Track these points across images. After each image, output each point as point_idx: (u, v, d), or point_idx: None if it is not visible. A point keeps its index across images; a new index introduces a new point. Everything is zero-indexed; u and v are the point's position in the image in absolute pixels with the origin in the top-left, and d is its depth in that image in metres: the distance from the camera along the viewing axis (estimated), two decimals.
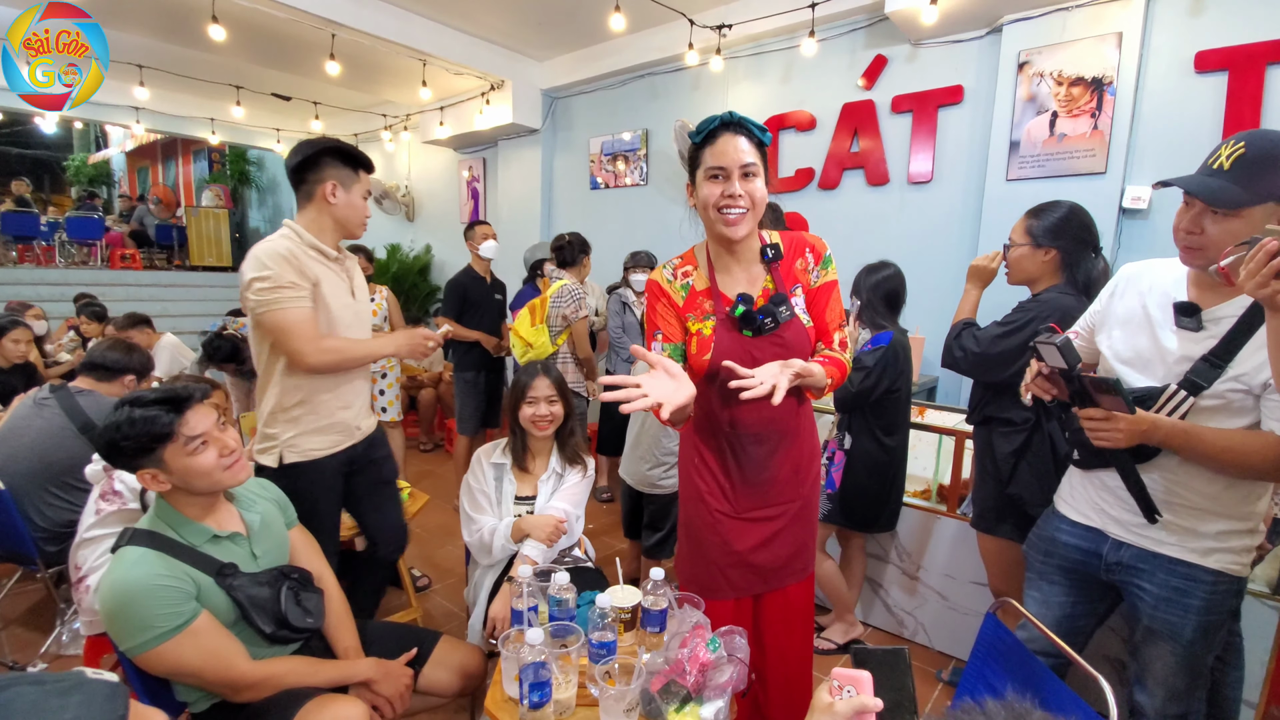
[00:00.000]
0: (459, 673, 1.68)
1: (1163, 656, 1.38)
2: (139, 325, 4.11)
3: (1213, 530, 1.31)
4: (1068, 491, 1.56)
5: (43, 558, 2.36)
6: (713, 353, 1.45)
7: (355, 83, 5.80)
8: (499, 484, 2.05)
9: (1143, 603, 1.39)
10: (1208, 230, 1.21)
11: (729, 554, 1.57)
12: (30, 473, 2.32)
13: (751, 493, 1.55)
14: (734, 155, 1.35)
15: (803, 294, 1.50)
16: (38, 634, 2.60)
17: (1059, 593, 1.56)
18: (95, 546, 1.91)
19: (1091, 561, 1.48)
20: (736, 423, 1.50)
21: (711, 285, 1.49)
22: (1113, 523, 1.43)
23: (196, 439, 1.33)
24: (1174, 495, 1.34)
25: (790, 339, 1.44)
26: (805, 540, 1.64)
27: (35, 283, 7.77)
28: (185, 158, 12.35)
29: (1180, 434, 1.25)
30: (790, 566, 1.62)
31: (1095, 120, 3.09)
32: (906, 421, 2.44)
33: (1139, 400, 1.31)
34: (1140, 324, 1.39)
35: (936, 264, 3.70)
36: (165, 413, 1.30)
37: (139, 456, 1.30)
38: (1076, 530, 1.51)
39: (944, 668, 2.48)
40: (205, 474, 1.34)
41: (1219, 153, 1.21)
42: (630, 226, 5.17)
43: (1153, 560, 1.37)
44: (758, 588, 1.61)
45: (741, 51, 4.40)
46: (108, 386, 2.50)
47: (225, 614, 1.35)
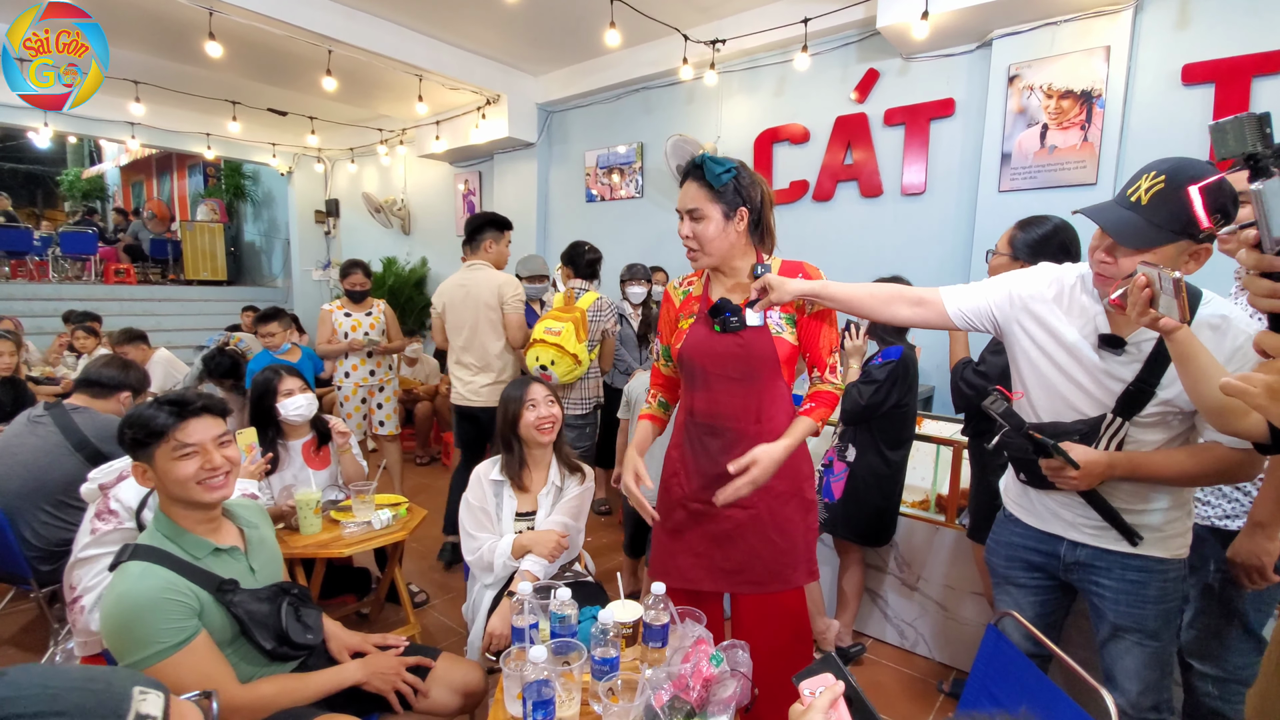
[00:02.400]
0: (459, 691, 1.66)
1: (1131, 650, 1.42)
2: (134, 341, 4.09)
3: (1158, 521, 1.36)
4: (1018, 494, 1.57)
5: (36, 577, 2.33)
6: (683, 342, 1.67)
7: (352, 98, 5.83)
8: (498, 501, 2.04)
9: (1104, 600, 1.43)
10: (1120, 262, 1.23)
11: (677, 539, 1.70)
12: (25, 491, 2.30)
13: (703, 484, 1.64)
14: (686, 200, 1.57)
15: (780, 312, 1.62)
16: (31, 654, 2.57)
17: (1028, 594, 1.58)
18: (90, 566, 1.89)
19: (1050, 563, 1.52)
20: (695, 410, 1.67)
21: (704, 292, 1.70)
22: (1067, 527, 1.46)
23: (187, 447, 1.37)
24: (1121, 500, 1.38)
25: (749, 342, 1.59)
26: (765, 556, 1.65)
27: (28, 298, 7.73)
28: (180, 172, 12.34)
29: (1133, 467, 1.31)
30: (747, 574, 1.65)
31: (1085, 132, 3.14)
32: (911, 436, 2.45)
33: (1083, 436, 1.35)
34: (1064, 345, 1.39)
35: (931, 274, 3.73)
36: (168, 414, 1.36)
37: (135, 448, 1.35)
38: (1031, 534, 1.54)
39: (944, 679, 2.47)
40: (179, 482, 1.36)
41: (1139, 183, 1.20)
42: (625, 239, 5.19)
43: (1107, 557, 1.41)
44: (707, 584, 1.68)
45: (735, 66, 4.44)
46: (104, 404, 2.48)
47: (224, 631, 1.34)
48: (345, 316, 3.79)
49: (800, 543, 1.69)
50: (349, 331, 3.78)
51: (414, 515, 2.46)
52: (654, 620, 1.42)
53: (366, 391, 3.87)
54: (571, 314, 3.09)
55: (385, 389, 3.92)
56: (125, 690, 0.62)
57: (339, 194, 8.44)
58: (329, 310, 3.81)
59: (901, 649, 2.69)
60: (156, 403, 1.38)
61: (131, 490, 1.88)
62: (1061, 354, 1.38)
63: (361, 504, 2.33)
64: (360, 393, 3.85)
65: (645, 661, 1.43)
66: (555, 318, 3.09)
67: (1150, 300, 1.10)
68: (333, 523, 2.33)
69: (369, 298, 3.89)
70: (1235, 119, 0.83)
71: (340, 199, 8.42)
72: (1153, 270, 1.10)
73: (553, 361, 3.00)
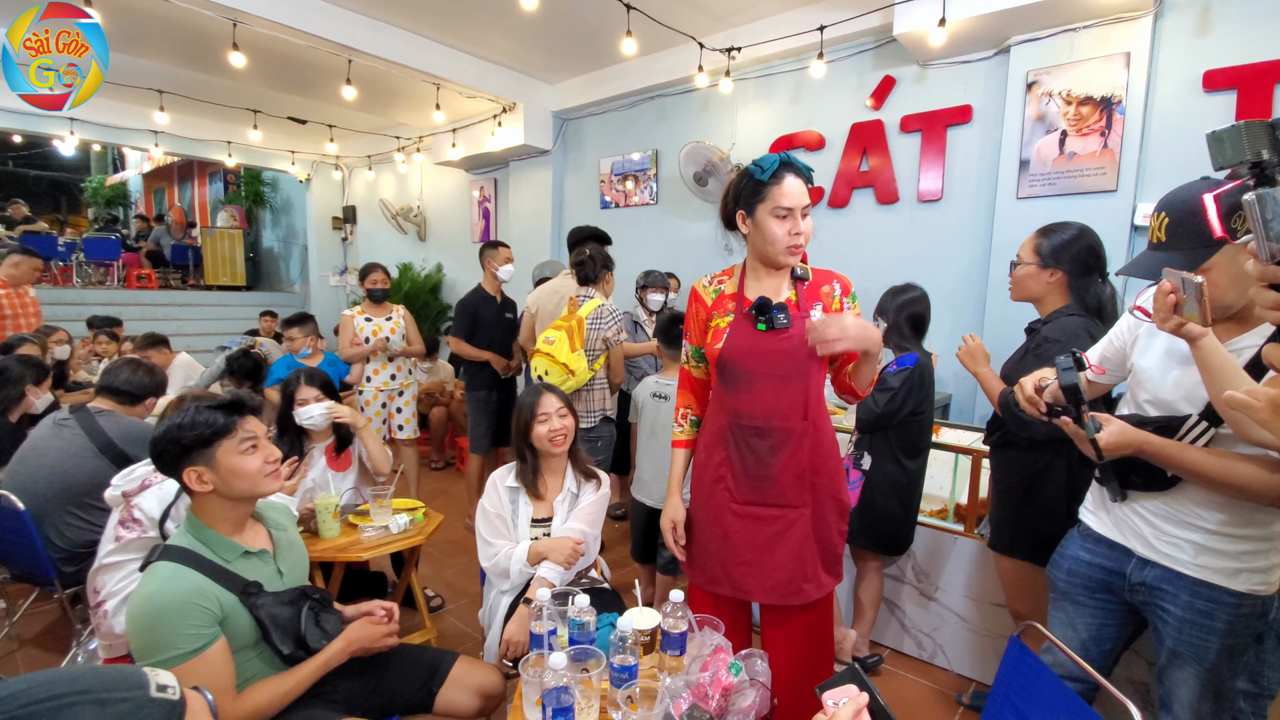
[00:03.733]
0: (478, 693, 1.67)
1: (1187, 680, 1.37)
2: (157, 345, 4.16)
3: (1236, 550, 1.31)
4: (1096, 504, 1.56)
5: (60, 578, 2.36)
6: (724, 342, 1.63)
7: (370, 106, 5.90)
8: (514, 507, 2.05)
9: (1166, 625, 1.38)
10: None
11: (727, 546, 1.66)
12: (50, 493, 2.34)
13: (752, 486, 1.63)
14: (798, 197, 1.54)
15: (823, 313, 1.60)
16: (53, 655, 2.61)
17: (1085, 614, 1.54)
18: (114, 572, 1.92)
19: (1115, 581, 1.47)
20: (739, 414, 1.63)
21: (739, 290, 1.68)
22: (1138, 540, 1.42)
23: (252, 439, 1.42)
24: (1197, 517, 1.33)
25: (796, 337, 1.56)
26: (809, 560, 1.64)
27: (53, 303, 7.87)
28: (201, 179, 12.55)
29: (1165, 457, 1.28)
30: (791, 582, 1.63)
31: (1105, 139, 3.11)
32: (928, 444, 2.43)
33: (1160, 429, 1.32)
34: (1170, 353, 1.40)
35: (948, 281, 3.71)
36: (228, 412, 1.41)
37: (195, 450, 1.36)
38: (1100, 549, 1.50)
39: (964, 691, 2.44)
40: (249, 475, 1.40)
41: (1151, 226, 1.31)
42: (641, 246, 5.20)
43: (1177, 581, 1.36)
44: (756, 594, 1.65)
45: (750, 73, 4.45)
46: (129, 408, 2.53)
47: (248, 634, 1.36)
48: (366, 322, 3.83)
49: (835, 547, 1.70)
50: (370, 337, 3.81)
51: (430, 520, 2.48)
52: (672, 628, 1.41)
53: (387, 396, 3.90)
54: (569, 322, 3.00)
55: (405, 393, 3.95)
56: (139, 670, 0.65)
57: (356, 201, 8.53)
58: (350, 316, 3.84)
59: (920, 660, 2.67)
60: (208, 406, 1.40)
61: (154, 500, 1.91)
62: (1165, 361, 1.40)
63: (379, 509, 2.35)
64: (381, 397, 3.88)
65: (663, 669, 1.43)
66: (555, 326, 3.02)
67: (1175, 306, 1.09)
68: (351, 527, 2.35)
69: (388, 302, 3.93)
70: (1235, 127, 0.82)
71: (358, 206, 8.52)
72: (1176, 276, 1.09)
73: (546, 372, 2.90)
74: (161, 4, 3.68)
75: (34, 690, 0.54)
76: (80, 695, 0.55)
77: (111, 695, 0.57)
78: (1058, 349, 1.76)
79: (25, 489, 2.30)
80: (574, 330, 3.00)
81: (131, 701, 0.58)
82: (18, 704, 0.53)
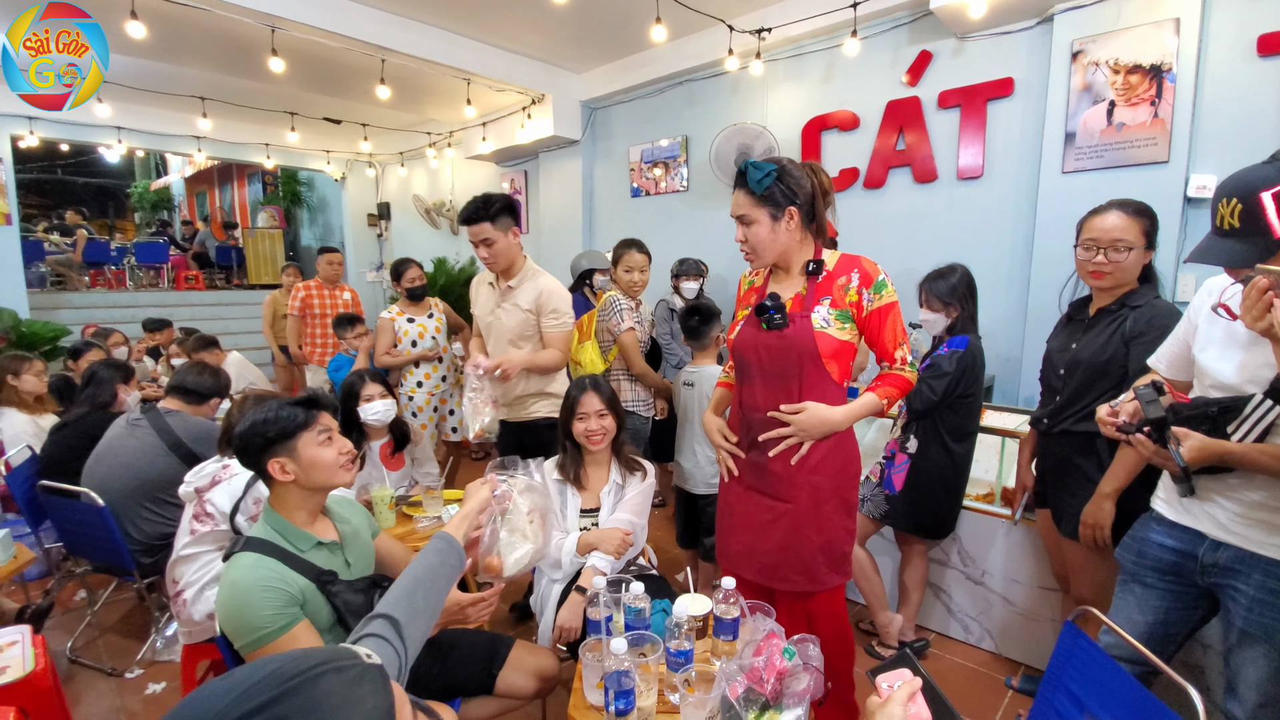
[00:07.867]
0: (535, 675, 1.73)
1: (1256, 661, 1.36)
2: (209, 347, 4.32)
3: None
4: (1165, 491, 1.55)
5: (138, 569, 2.52)
6: (736, 334, 1.78)
7: (402, 104, 5.99)
8: (563, 499, 2.10)
9: (1237, 605, 1.38)
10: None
11: (731, 522, 1.83)
12: (127, 490, 2.48)
13: (752, 472, 1.76)
14: (734, 208, 1.69)
15: (831, 307, 1.64)
16: (133, 641, 2.77)
17: (1152, 596, 1.54)
18: (191, 563, 2.04)
19: (1187, 564, 1.47)
20: (743, 402, 1.78)
21: (763, 285, 1.79)
22: (1211, 523, 1.42)
23: (327, 432, 1.50)
24: (1273, 498, 1.32)
25: (790, 336, 1.64)
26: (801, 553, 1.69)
27: (109, 305, 8.25)
28: (240, 181, 12.91)
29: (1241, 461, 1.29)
30: (781, 570, 1.71)
31: (1155, 108, 3.00)
32: (976, 428, 2.40)
33: (1224, 410, 1.32)
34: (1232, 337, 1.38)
35: (989, 260, 3.63)
36: (306, 409, 1.49)
37: (278, 442, 1.44)
38: (1174, 532, 1.49)
39: (1012, 674, 2.44)
40: (327, 466, 1.48)
41: (1220, 212, 1.26)
42: (672, 233, 5.20)
43: (1250, 561, 1.35)
44: (747, 571, 1.77)
45: (781, 54, 4.39)
46: (195, 407, 2.66)
47: (325, 620, 1.44)
48: (409, 323, 3.75)
49: (836, 545, 1.71)
50: (416, 339, 3.74)
51: None
52: (724, 614, 1.45)
53: (439, 400, 3.86)
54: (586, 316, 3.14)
55: (455, 395, 3.95)
56: (345, 646, 0.76)
57: (390, 197, 8.67)
58: (389, 319, 3.74)
59: (966, 644, 2.66)
60: (289, 402, 1.49)
61: (224, 495, 2.02)
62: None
63: (431, 499, 2.44)
64: (433, 401, 3.83)
65: (716, 654, 1.47)
66: (577, 323, 3.06)
67: (1270, 306, 1.07)
68: (405, 517, 2.45)
69: (426, 297, 3.94)
70: None
71: (391, 202, 8.66)
72: (1275, 271, 1.06)
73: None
74: (203, 14, 3.79)
75: (285, 668, 0.61)
76: (323, 666, 0.63)
77: (344, 664, 0.65)
78: (1159, 338, 1.68)
79: (103, 486, 2.44)
80: (584, 323, 3.19)
81: (359, 667, 0.66)
82: (284, 677, 0.60)
